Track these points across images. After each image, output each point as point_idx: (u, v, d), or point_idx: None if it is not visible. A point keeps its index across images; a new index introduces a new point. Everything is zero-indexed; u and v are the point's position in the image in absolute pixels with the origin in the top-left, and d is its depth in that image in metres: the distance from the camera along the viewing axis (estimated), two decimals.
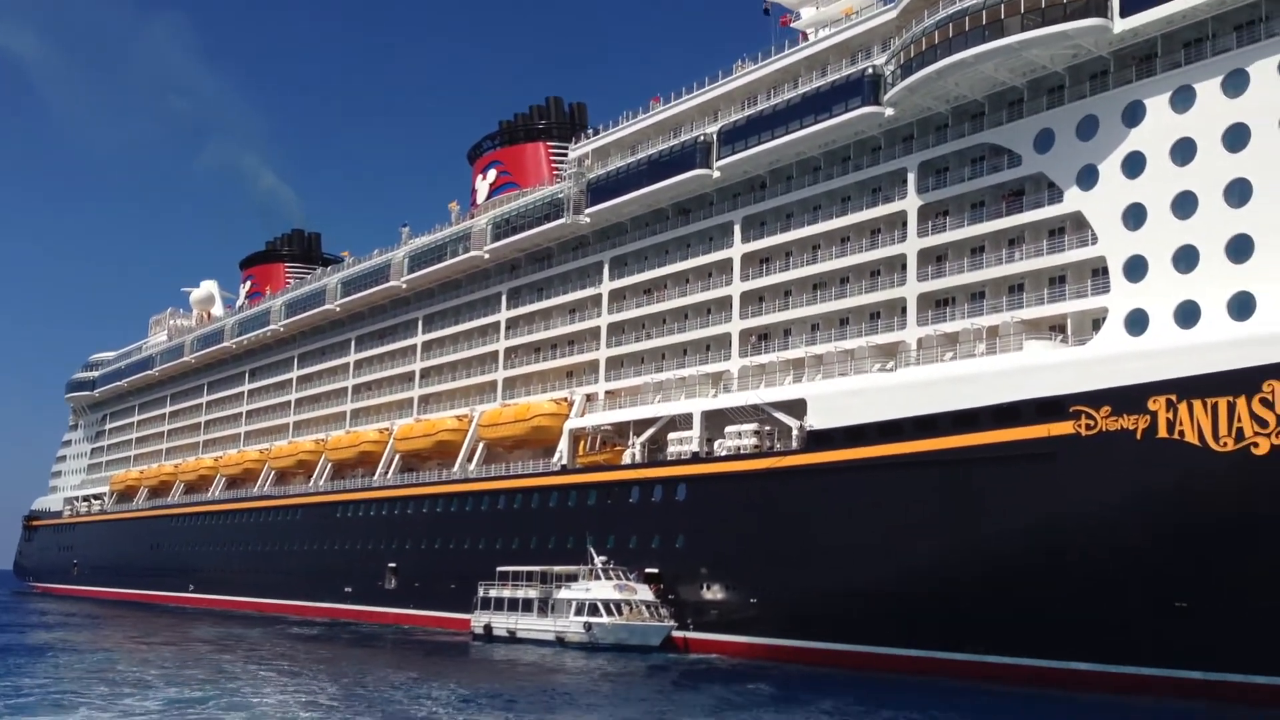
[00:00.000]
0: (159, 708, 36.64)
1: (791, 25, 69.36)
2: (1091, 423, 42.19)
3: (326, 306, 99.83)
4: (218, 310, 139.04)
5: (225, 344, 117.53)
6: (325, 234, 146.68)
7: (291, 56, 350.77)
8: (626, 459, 65.41)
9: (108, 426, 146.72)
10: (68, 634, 72.32)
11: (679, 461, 61.17)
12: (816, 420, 53.48)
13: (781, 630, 54.37)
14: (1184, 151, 43.09)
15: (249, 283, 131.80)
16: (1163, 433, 40.21)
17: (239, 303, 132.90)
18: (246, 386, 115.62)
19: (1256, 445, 37.85)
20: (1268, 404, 37.70)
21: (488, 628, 67.21)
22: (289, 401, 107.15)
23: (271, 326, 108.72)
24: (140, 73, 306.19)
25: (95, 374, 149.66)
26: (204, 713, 35.54)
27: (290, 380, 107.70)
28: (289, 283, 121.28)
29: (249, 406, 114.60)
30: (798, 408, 54.91)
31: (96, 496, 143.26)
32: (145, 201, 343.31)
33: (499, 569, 68.20)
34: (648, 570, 61.28)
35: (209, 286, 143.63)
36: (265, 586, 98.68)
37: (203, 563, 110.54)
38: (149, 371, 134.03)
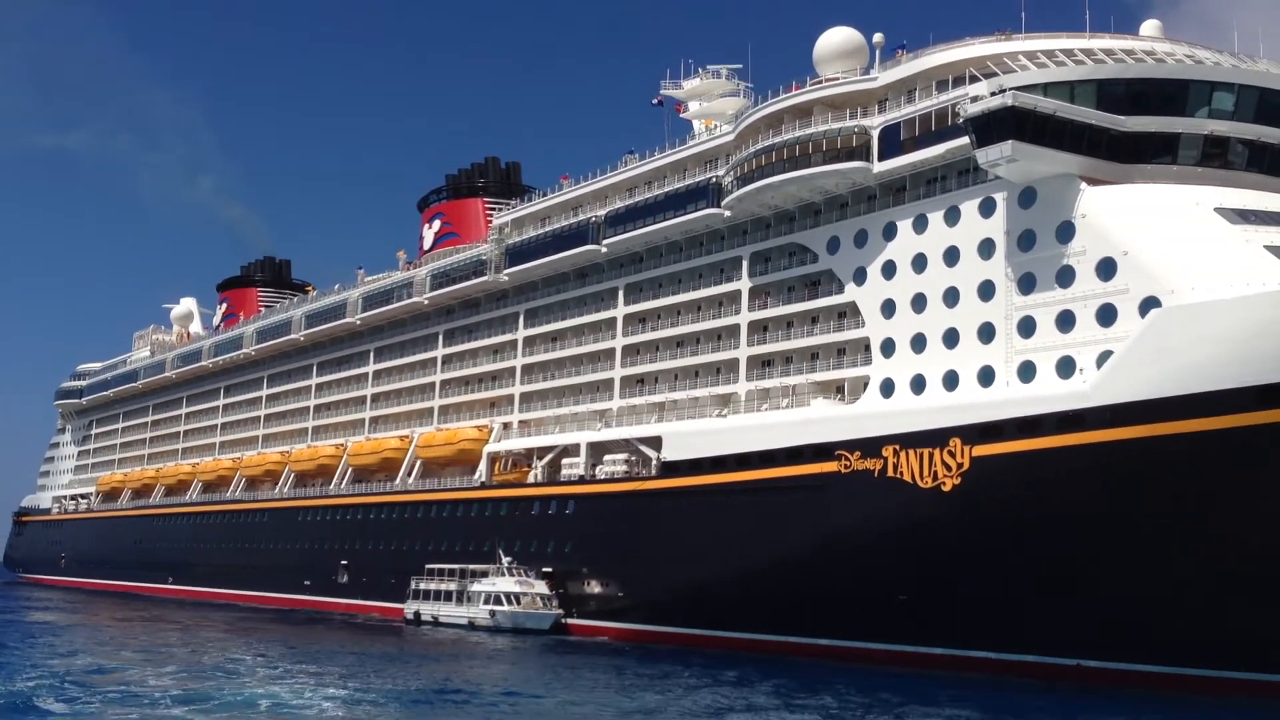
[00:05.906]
0: (142, 658, 51.25)
1: (682, 115, 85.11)
2: (847, 463, 56.95)
3: (292, 336, 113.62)
4: (196, 327, 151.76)
5: (203, 363, 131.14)
6: (295, 259, 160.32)
7: (258, 86, 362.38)
8: (531, 479, 79.92)
9: (94, 432, 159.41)
10: (59, 615, 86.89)
11: (569, 482, 75.86)
12: (669, 453, 68.03)
13: (644, 618, 69.01)
14: (919, 264, 57.63)
15: (225, 305, 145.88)
16: (891, 473, 54.82)
17: (216, 322, 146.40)
18: (221, 401, 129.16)
19: (944, 484, 52.71)
20: (952, 454, 52.56)
21: (417, 614, 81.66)
22: (258, 417, 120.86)
23: (244, 350, 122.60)
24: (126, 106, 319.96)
25: (83, 384, 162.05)
26: (181, 663, 49.96)
27: (260, 398, 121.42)
28: (261, 308, 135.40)
29: (223, 420, 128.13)
30: (656, 443, 69.38)
31: (83, 496, 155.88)
32: (126, 219, 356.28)
33: (427, 566, 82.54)
34: (544, 569, 75.55)
35: (189, 304, 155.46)
36: (235, 579, 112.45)
37: (180, 558, 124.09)
38: (133, 384, 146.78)
